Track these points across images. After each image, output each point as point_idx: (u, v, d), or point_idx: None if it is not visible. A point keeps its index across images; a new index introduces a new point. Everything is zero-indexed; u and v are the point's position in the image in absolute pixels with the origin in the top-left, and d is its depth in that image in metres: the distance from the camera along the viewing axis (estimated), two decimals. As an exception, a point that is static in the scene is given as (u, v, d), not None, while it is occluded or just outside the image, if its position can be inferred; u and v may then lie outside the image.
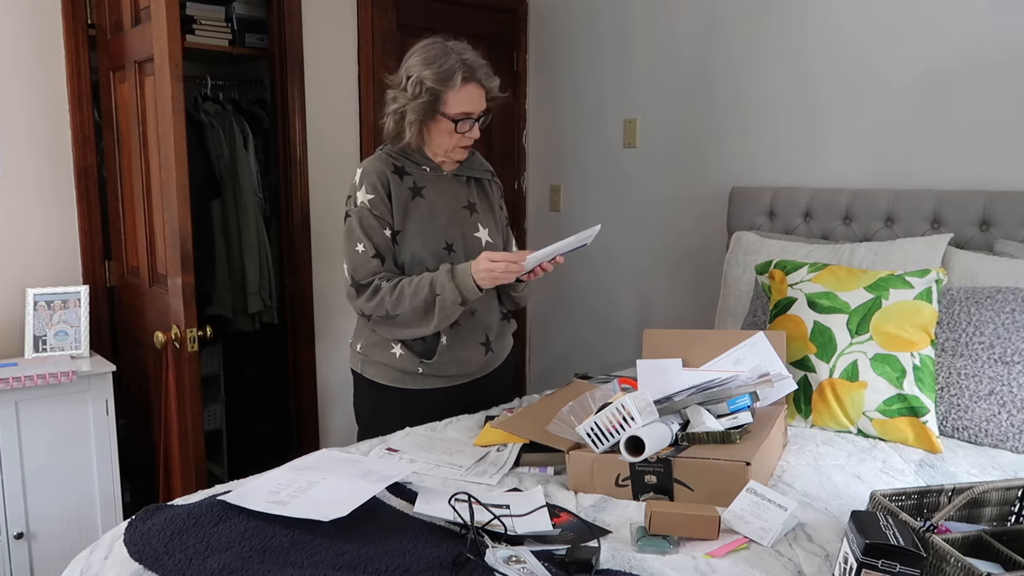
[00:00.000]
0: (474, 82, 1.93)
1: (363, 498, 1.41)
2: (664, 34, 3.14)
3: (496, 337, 2.13)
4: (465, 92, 1.92)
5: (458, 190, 2.07)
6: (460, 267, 1.89)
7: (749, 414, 1.65)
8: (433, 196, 2.02)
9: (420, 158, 2.03)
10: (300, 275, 3.23)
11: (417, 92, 1.91)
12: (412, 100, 1.92)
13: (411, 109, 1.93)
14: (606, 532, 1.39)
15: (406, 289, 1.91)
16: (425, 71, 1.90)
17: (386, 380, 2.06)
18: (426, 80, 1.89)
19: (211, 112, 3.31)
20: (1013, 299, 1.94)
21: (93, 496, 2.54)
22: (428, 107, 1.92)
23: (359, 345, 2.10)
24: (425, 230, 1.98)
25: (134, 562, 1.29)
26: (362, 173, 1.99)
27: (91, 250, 2.80)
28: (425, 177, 2.03)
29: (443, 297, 1.87)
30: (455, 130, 1.95)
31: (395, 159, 2.01)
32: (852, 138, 2.62)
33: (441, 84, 1.89)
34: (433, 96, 1.91)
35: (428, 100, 1.91)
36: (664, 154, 3.20)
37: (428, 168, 2.03)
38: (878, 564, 1.08)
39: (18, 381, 2.33)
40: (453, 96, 1.91)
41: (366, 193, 1.96)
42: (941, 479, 1.69)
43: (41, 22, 2.63)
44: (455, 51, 1.92)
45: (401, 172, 2.00)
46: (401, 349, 2.02)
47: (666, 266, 3.27)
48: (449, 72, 1.89)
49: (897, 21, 2.48)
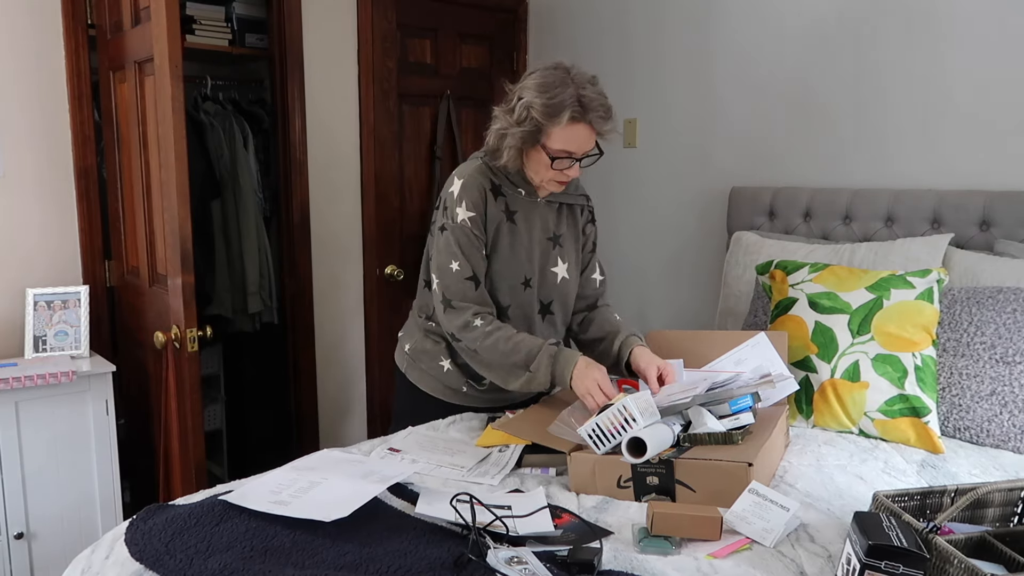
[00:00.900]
0: (584, 123, 1.78)
1: (364, 499, 1.41)
2: (664, 34, 3.14)
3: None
4: (571, 131, 1.79)
5: (547, 219, 1.98)
6: (563, 357, 1.78)
7: (751, 415, 1.65)
8: (523, 224, 1.92)
9: (518, 179, 1.91)
10: (300, 275, 3.23)
11: (523, 117, 1.79)
12: (515, 125, 1.81)
13: (512, 133, 1.81)
14: (608, 533, 1.39)
15: (501, 345, 1.81)
16: (536, 98, 1.77)
17: (428, 389, 2.03)
18: (533, 108, 1.77)
19: (211, 112, 3.31)
20: (1014, 299, 1.94)
21: (93, 496, 2.54)
22: (529, 136, 1.81)
23: (407, 345, 2.06)
24: (508, 259, 1.91)
25: (135, 562, 1.29)
26: (463, 187, 1.87)
27: (91, 250, 2.79)
28: (518, 201, 1.93)
29: (533, 376, 1.79)
30: (551, 166, 1.83)
31: (494, 175, 1.90)
32: (852, 138, 2.62)
33: (547, 118, 1.77)
34: (536, 127, 1.79)
35: (531, 129, 1.80)
36: (664, 154, 3.20)
37: (524, 192, 1.92)
38: (881, 565, 1.08)
39: (18, 381, 2.32)
40: (558, 132, 1.79)
41: (467, 210, 1.85)
42: (943, 480, 1.69)
43: (41, 22, 2.63)
44: (575, 83, 1.78)
45: (497, 191, 1.90)
46: (450, 364, 1.98)
47: (666, 266, 3.26)
48: (559, 107, 1.76)
49: (897, 21, 2.47)
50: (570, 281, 2.02)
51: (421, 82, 3.42)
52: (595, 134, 1.83)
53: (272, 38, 3.15)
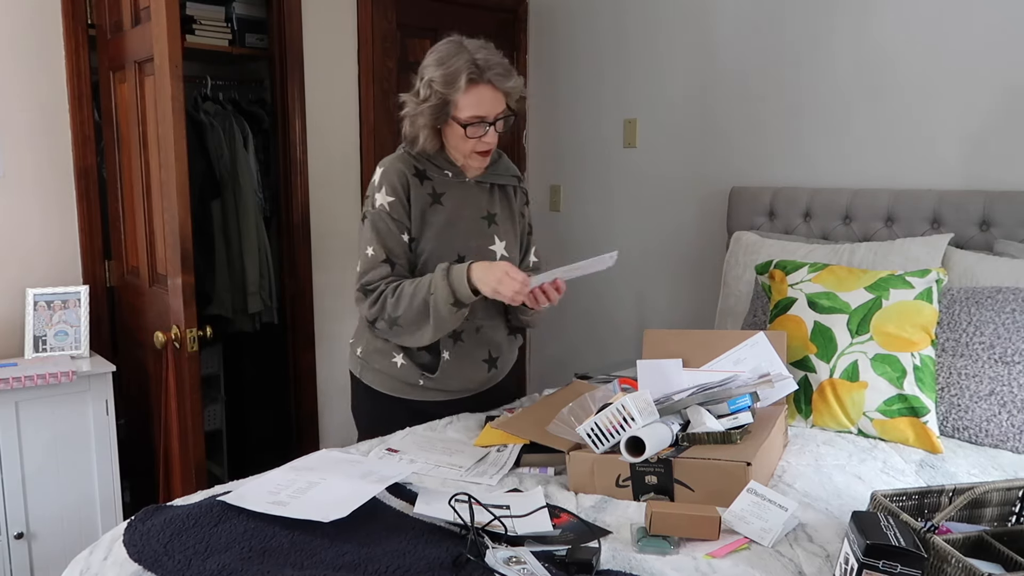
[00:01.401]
0: (483, 83, 1.81)
1: (363, 499, 1.41)
2: (664, 34, 3.14)
3: (501, 354, 2.05)
4: (475, 94, 1.81)
5: (479, 198, 1.98)
6: (457, 266, 1.80)
7: (749, 414, 1.65)
8: (452, 204, 1.93)
9: (443, 162, 1.94)
10: (300, 275, 3.23)
11: (427, 95, 1.83)
12: (422, 103, 1.84)
13: (422, 113, 1.85)
14: (606, 533, 1.39)
15: (406, 289, 1.83)
16: (435, 72, 1.82)
17: (385, 389, 2.01)
18: (435, 82, 1.81)
19: (211, 112, 3.31)
20: (1013, 299, 1.94)
21: (93, 496, 2.54)
22: (439, 111, 1.84)
23: (359, 349, 2.03)
24: (440, 239, 1.91)
25: (133, 563, 1.29)
26: (383, 173, 1.91)
27: (91, 250, 2.80)
28: (446, 183, 1.94)
29: (436, 297, 1.78)
30: (466, 135, 1.85)
31: (417, 161, 1.93)
32: (852, 138, 2.62)
33: (447, 87, 1.80)
34: (441, 99, 1.82)
35: (437, 104, 1.83)
36: (664, 154, 3.20)
37: (450, 173, 1.94)
38: (879, 565, 1.08)
39: (18, 381, 2.33)
40: (462, 99, 1.81)
41: (385, 195, 1.88)
42: (941, 479, 1.69)
43: (41, 22, 2.63)
44: (468, 50, 1.82)
45: (422, 176, 1.92)
46: (403, 359, 1.96)
47: (666, 266, 3.27)
48: (456, 74, 1.80)
49: (898, 21, 2.47)
50: (510, 259, 1.99)
51: (421, 82, 3.42)
52: (499, 93, 1.85)
53: (272, 38, 3.16)
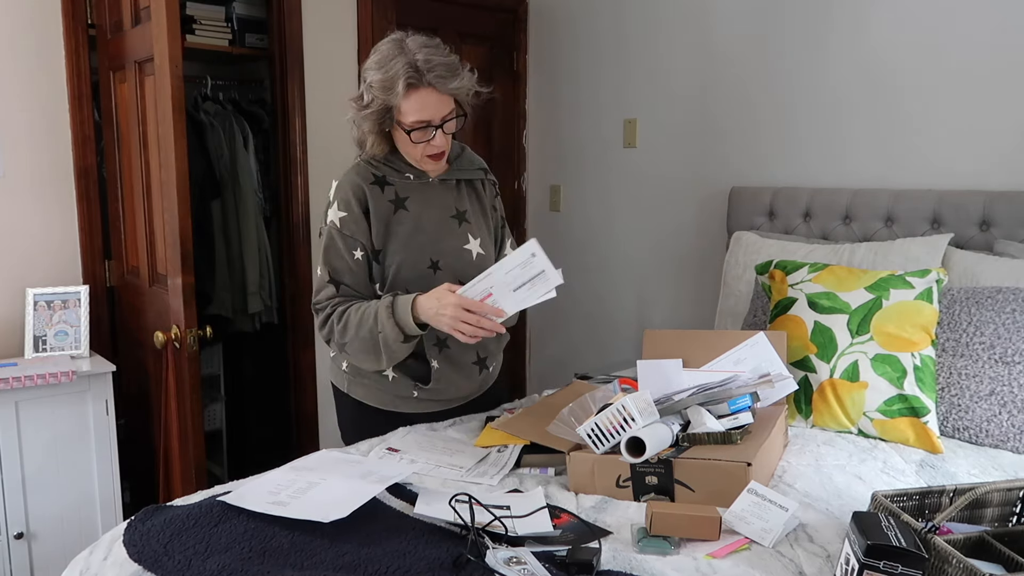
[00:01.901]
0: (424, 87, 1.69)
1: (363, 499, 1.41)
2: (664, 34, 3.14)
3: (489, 354, 1.99)
4: (416, 99, 1.70)
5: (446, 198, 1.89)
6: (401, 300, 1.71)
7: (750, 414, 1.65)
8: (418, 208, 1.84)
9: (401, 164, 1.85)
10: (300, 275, 3.23)
11: (369, 100, 1.73)
12: (363, 109, 1.75)
13: (364, 118, 1.76)
14: (607, 533, 1.39)
15: (352, 318, 1.75)
16: (375, 76, 1.71)
17: (377, 403, 1.93)
18: (374, 87, 1.71)
19: (211, 112, 3.31)
20: (1014, 299, 1.94)
21: (93, 496, 2.54)
22: (382, 116, 1.75)
23: (344, 363, 1.93)
24: (409, 246, 1.82)
25: (133, 563, 1.29)
26: (336, 188, 1.83)
27: (91, 250, 2.80)
28: (409, 186, 1.85)
29: (384, 335, 1.70)
30: (411, 140, 1.76)
31: (375, 167, 1.84)
32: (852, 138, 2.62)
33: (386, 93, 1.70)
34: (383, 105, 1.72)
35: (379, 109, 1.73)
36: (664, 154, 3.20)
37: (412, 175, 1.85)
38: (880, 565, 1.08)
39: (18, 381, 2.33)
40: (404, 105, 1.71)
41: (337, 211, 1.80)
42: (942, 479, 1.69)
43: (41, 22, 2.63)
44: (409, 50, 1.70)
45: (382, 182, 1.83)
46: (394, 372, 1.88)
47: (666, 266, 3.26)
48: (393, 80, 1.68)
49: (897, 21, 2.47)
50: (486, 256, 1.92)
51: (421, 82, 3.42)
52: (444, 95, 1.73)
53: (272, 38, 3.16)
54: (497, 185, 2.07)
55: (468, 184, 1.96)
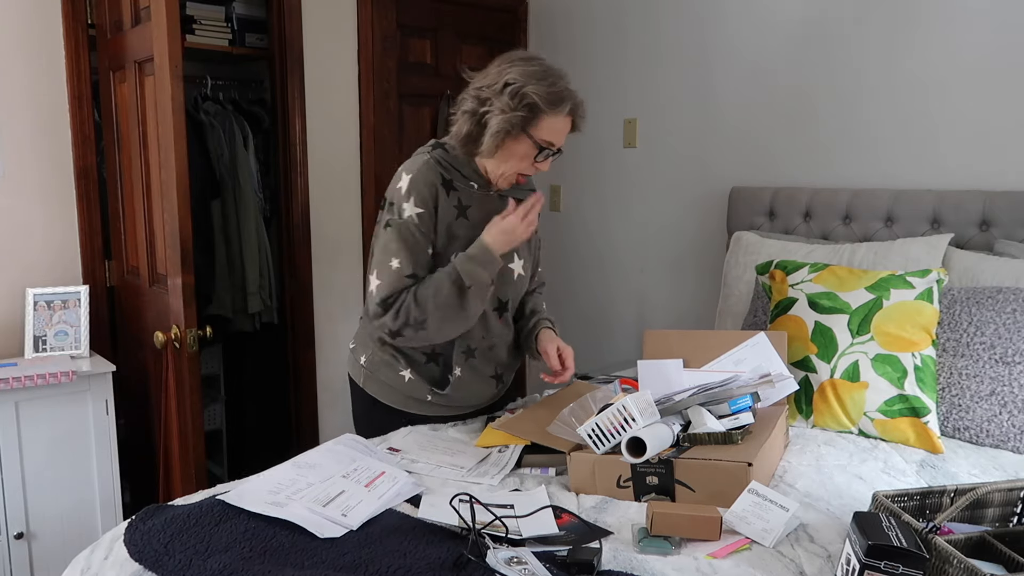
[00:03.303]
0: (573, 117, 1.80)
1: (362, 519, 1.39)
2: (664, 34, 3.14)
3: (506, 370, 2.03)
4: (561, 123, 1.78)
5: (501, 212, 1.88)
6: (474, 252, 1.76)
7: (750, 415, 1.65)
8: (477, 218, 1.84)
9: (470, 171, 1.84)
10: (300, 275, 3.23)
11: (516, 104, 1.72)
12: (513, 110, 1.72)
13: (503, 119, 1.73)
14: (607, 533, 1.39)
15: (425, 292, 1.75)
16: (533, 85, 1.72)
17: (390, 401, 1.95)
18: (531, 95, 1.71)
19: (211, 112, 3.31)
20: (1014, 299, 1.94)
21: (93, 496, 2.54)
22: (520, 122, 1.73)
23: (363, 357, 1.96)
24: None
25: (134, 562, 1.29)
26: (411, 182, 1.79)
27: (91, 250, 2.79)
28: (472, 195, 1.85)
29: (477, 284, 1.74)
30: (533, 157, 1.78)
31: (444, 168, 1.82)
32: (852, 138, 2.62)
33: (548, 105, 1.73)
34: (531, 113, 1.73)
35: (524, 115, 1.73)
36: (664, 154, 3.20)
37: (476, 185, 1.85)
38: (881, 565, 1.08)
39: (18, 381, 2.32)
40: (550, 121, 1.75)
41: (414, 206, 1.77)
42: (942, 480, 1.69)
43: (41, 22, 2.63)
44: (563, 77, 1.78)
45: (449, 186, 1.82)
46: (411, 374, 1.90)
47: (666, 266, 3.26)
48: (559, 96, 1.74)
49: (897, 21, 2.47)
50: (524, 278, 1.97)
51: (421, 82, 3.42)
52: (571, 131, 1.83)
53: (272, 38, 3.16)
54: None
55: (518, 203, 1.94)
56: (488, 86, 1.76)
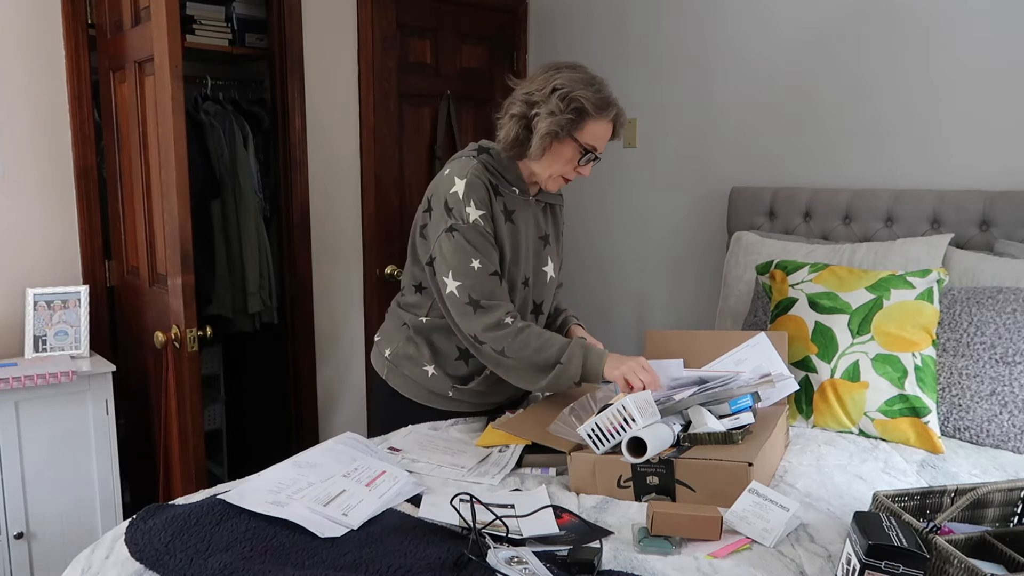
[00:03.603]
0: (616, 124, 1.85)
1: (363, 518, 1.40)
2: (664, 34, 3.14)
3: None
4: (604, 128, 1.83)
5: (539, 218, 1.98)
6: (595, 351, 1.79)
7: (751, 415, 1.65)
8: (521, 223, 1.91)
9: (513, 177, 1.89)
10: (300, 275, 3.23)
11: (565, 107, 1.77)
12: (563, 113, 1.77)
13: (551, 122, 1.78)
14: (608, 533, 1.39)
15: (532, 341, 1.78)
16: (581, 90, 1.77)
17: (411, 395, 1.98)
18: (580, 99, 1.76)
19: (211, 112, 3.31)
20: (1014, 299, 1.94)
21: (93, 496, 2.54)
22: (567, 125, 1.79)
23: (388, 350, 2.00)
24: (512, 259, 1.89)
25: (135, 561, 1.29)
26: (468, 186, 1.82)
27: (91, 250, 2.79)
28: (515, 200, 1.90)
29: (565, 368, 1.77)
30: (577, 160, 1.83)
31: (491, 173, 1.86)
32: (852, 138, 2.62)
33: (596, 110, 1.78)
34: (578, 116, 1.78)
35: (572, 119, 1.78)
36: (664, 154, 3.20)
37: (518, 191, 1.90)
38: (881, 565, 1.08)
39: (18, 381, 2.32)
40: (594, 126, 1.80)
41: (476, 209, 1.81)
42: (943, 479, 1.69)
43: (41, 22, 2.63)
44: (607, 86, 1.84)
45: (495, 190, 1.86)
46: (434, 369, 1.94)
47: (666, 266, 3.26)
48: (606, 102, 1.80)
49: (896, 20, 2.47)
50: (555, 280, 2.04)
51: (421, 82, 3.42)
52: (612, 138, 1.88)
53: (272, 38, 3.15)
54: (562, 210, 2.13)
55: (551, 208, 2.04)
56: (537, 90, 1.81)
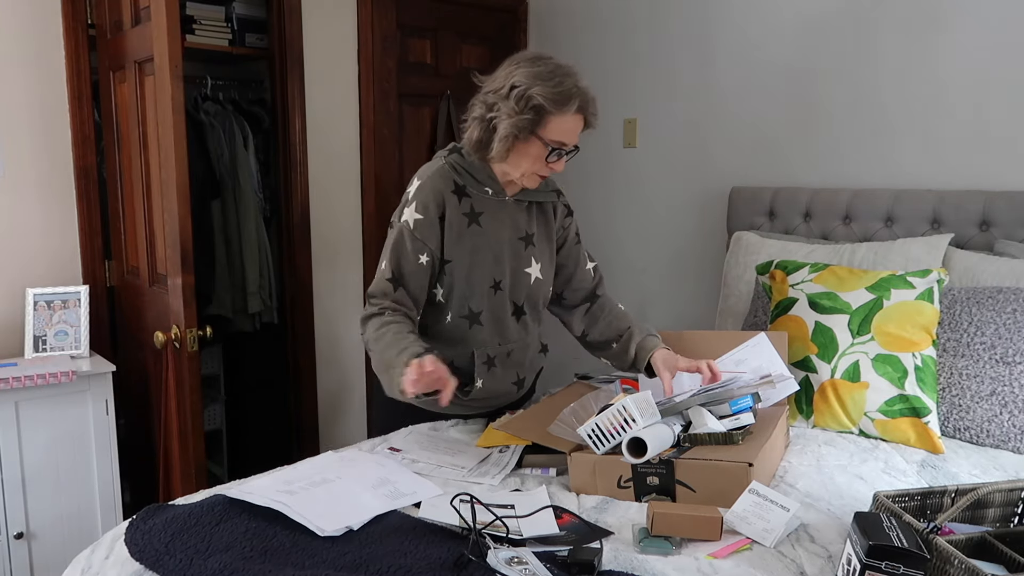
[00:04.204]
0: (584, 115, 1.77)
1: (366, 517, 1.40)
2: (664, 34, 3.14)
3: (528, 372, 2.02)
4: (571, 121, 1.75)
5: (517, 218, 1.91)
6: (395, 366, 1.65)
7: (751, 415, 1.65)
8: (490, 225, 1.85)
9: (485, 177, 1.84)
10: (300, 275, 3.22)
11: (522, 107, 1.71)
12: (519, 114, 1.71)
13: (510, 123, 1.72)
14: (608, 533, 1.39)
15: (386, 337, 1.71)
16: (538, 87, 1.70)
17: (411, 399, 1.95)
18: (536, 96, 1.69)
19: (211, 112, 3.31)
20: (1014, 299, 1.94)
21: (93, 496, 2.54)
22: (528, 125, 1.72)
23: None
24: (474, 263, 1.84)
25: (135, 562, 1.29)
26: (418, 188, 1.81)
27: (91, 250, 2.79)
28: (485, 202, 1.85)
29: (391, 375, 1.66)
30: (545, 158, 1.77)
31: (458, 174, 1.83)
32: (852, 138, 2.62)
33: (553, 105, 1.70)
34: (537, 115, 1.71)
35: (531, 118, 1.72)
36: (664, 154, 3.20)
37: (491, 191, 1.85)
38: (882, 565, 1.08)
39: (18, 381, 2.32)
40: (557, 122, 1.73)
41: (414, 212, 1.79)
42: (943, 480, 1.69)
43: (41, 22, 2.63)
44: (571, 75, 1.74)
45: (461, 192, 1.83)
46: None
47: (666, 266, 3.26)
48: (567, 95, 1.71)
49: (896, 20, 2.47)
50: (543, 282, 1.97)
51: (421, 82, 3.42)
52: (584, 128, 1.80)
53: (272, 38, 3.15)
54: (570, 206, 2.05)
55: (539, 207, 1.97)
56: (495, 91, 1.76)
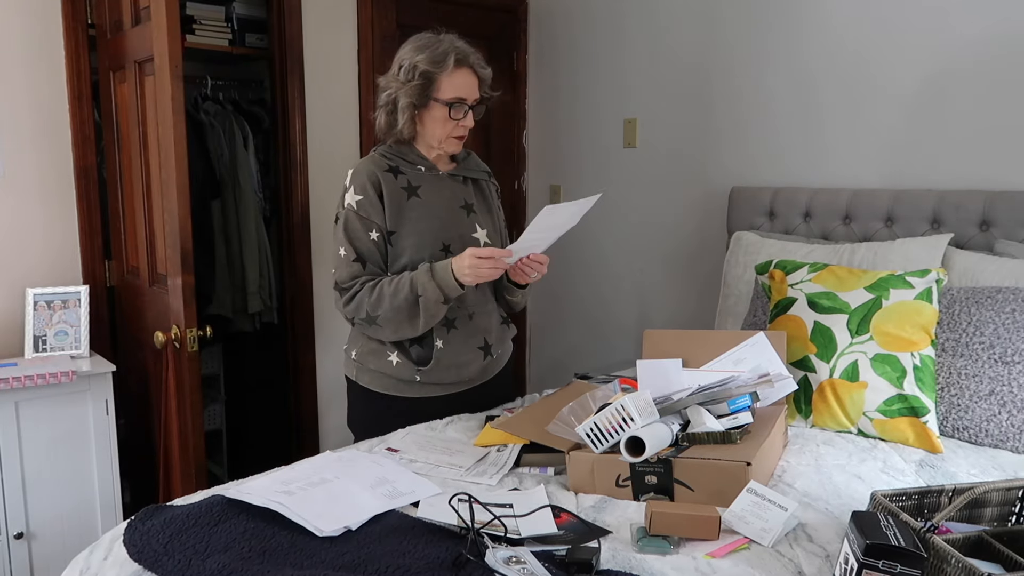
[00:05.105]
0: (467, 67, 1.93)
1: (365, 516, 1.40)
2: (664, 34, 3.14)
3: (495, 341, 2.07)
4: (459, 76, 1.91)
5: (455, 189, 2.03)
6: (440, 264, 1.86)
7: (749, 414, 1.65)
8: (429, 196, 1.97)
9: (415, 157, 1.99)
10: (300, 275, 3.23)
11: (410, 77, 1.89)
12: (404, 85, 1.90)
13: (403, 93, 1.90)
14: (606, 532, 1.39)
15: (386, 289, 1.87)
16: (418, 56, 1.89)
17: (382, 388, 2.01)
18: (420, 64, 1.88)
19: (211, 112, 3.31)
20: (1013, 299, 1.94)
21: (93, 496, 2.54)
22: (421, 91, 1.89)
23: (354, 352, 2.04)
24: (421, 231, 1.93)
25: (133, 562, 1.29)
26: (352, 174, 1.95)
27: (91, 250, 2.80)
28: (420, 176, 1.98)
29: (425, 297, 1.84)
30: (448, 116, 1.92)
31: (389, 159, 1.97)
32: (852, 138, 2.62)
33: (434, 66, 1.88)
34: (426, 79, 1.89)
35: (421, 84, 1.89)
36: (664, 154, 3.20)
37: (423, 168, 1.99)
38: (879, 564, 1.08)
39: (18, 381, 2.33)
40: (447, 79, 1.90)
41: (354, 194, 1.92)
42: (941, 479, 1.69)
43: (41, 22, 2.63)
44: (447, 39, 1.93)
45: (395, 171, 1.95)
46: (398, 357, 1.96)
47: (666, 266, 3.26)
48: (442, 55, 1.89)
49: (896, 21, 2.47)
50: (492, 246, 2.03)
51: (421, 82, 3.42)
52: (477, 80, 1.95)
53: (272, 38, 3.16)
54: (499, 189, 2.20)
55: (474, 182, 2.10)
56: (388, 76, 1.95)
